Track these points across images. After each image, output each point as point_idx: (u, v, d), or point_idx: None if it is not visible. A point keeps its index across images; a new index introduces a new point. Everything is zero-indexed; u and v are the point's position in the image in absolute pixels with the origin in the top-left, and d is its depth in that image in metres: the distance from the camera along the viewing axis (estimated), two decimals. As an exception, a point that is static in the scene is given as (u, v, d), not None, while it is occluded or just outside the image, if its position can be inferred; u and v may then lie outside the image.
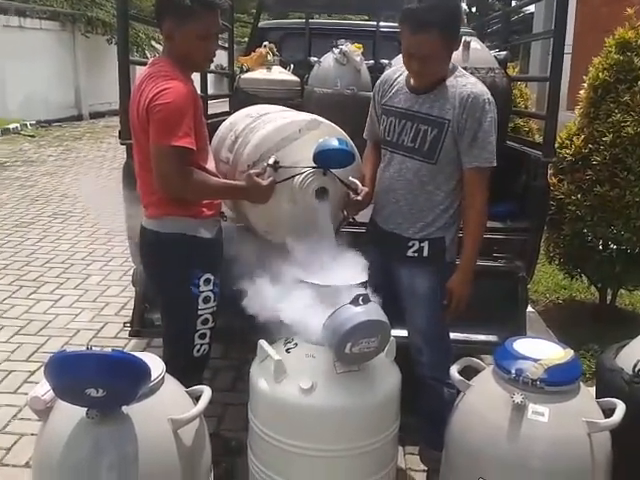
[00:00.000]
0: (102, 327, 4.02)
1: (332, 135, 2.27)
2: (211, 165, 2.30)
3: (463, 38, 3.08)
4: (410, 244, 2.31)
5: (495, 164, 2.21)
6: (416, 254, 2.31)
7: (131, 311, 3.02)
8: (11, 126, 12.78)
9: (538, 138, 4.80)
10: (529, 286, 3.33)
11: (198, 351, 2.35)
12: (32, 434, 2.77)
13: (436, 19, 2.07)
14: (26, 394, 2.88)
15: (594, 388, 2.37)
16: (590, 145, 3.66)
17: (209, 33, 2.19)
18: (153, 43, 15.57)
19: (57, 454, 1.72)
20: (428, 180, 2.26)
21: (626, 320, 4.20)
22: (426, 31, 2.07)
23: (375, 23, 5.08)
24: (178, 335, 2.36)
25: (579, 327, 4.06)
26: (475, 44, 3.23)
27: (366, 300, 1.94)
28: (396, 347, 2.14)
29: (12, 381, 3.32)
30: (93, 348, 1.76)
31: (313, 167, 2.22)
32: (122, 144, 2.81)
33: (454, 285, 2.29)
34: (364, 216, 2.49)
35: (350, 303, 1.92)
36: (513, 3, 4.72)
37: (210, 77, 5.11)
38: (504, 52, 3.64)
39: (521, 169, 3.17)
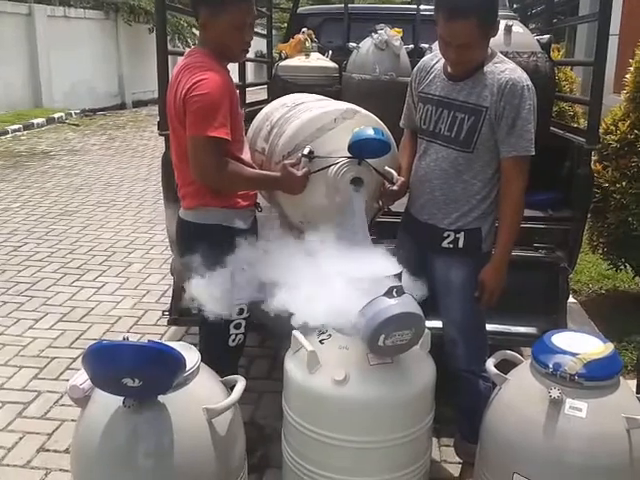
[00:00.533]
0: (143, 314, 4.09)
1: (368, 124, 2.24)
2: (247, 156, 2.31)
3: (505, 22, 3.02)
4: (445, 235, 2.27)
5: (534, 153, 2.15)
6: (451, 245, 2.27)
7: (170, 299, 3.07)
8: (56, 115, 13.07)
9: (583, 122, 4.68)
10: (571, 276, 3.27)
11: (233, 341, 2.37)
12: (73, 420, 2.84)
13: (473, 6, 2.02)
14: (68, 381, 2.96)
15: (635, 381, 2.32)
16: (636, 131, 3.56)
17: (244, 23, 2.18)
18: (195, 31, 15.67)
19: (95, 442, 1.75)
20: (464, 169, 2.22)
21: (671, 311, 4.09)
22: (463, 18, 2.02)
23: (415, 7, 5.01)
24: (213, 325, 2.38)
25: (622, 318, 3.96)
26: (517, 27, 3.15)
27: (400, 292, 1.92)
28: (431, 339, 2.12)
29: (55, 367, 3.41)
30: (129, 338, 1.79)
31: (348, 157, 2.20)
32: (161, 134, 2.84)
33: (486, 276, 2.25)
34: (400, 205, 2.46)
35: (384, 295, 1.90)
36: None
37: (250, 64, 5.12)
38: (547, 35, 3.54)
39: (564, 156, 3.09)
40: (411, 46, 4.28)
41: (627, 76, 3.72)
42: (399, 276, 2.02)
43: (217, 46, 2.19)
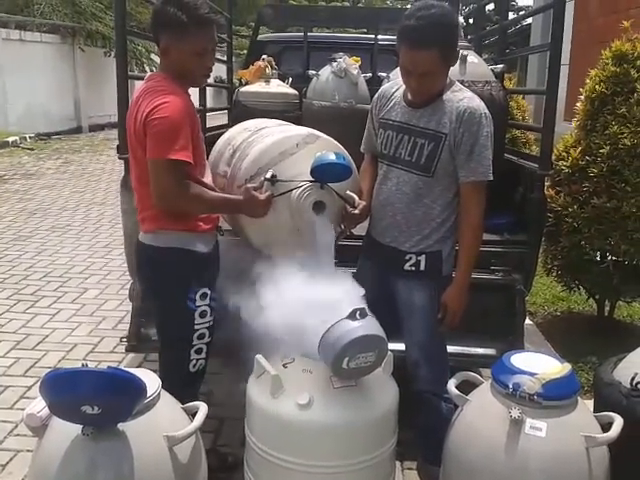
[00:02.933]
0: (99, 341, 4.00)
1: (329, 149, 2.27)
2: (208, 179, 2.31)
3: (460, 52, 3.10)
4: (407, 257, 2.31)
5: (491, 178, 2.22)
6: (413, 268, 2.31)
7: (128, 326, 3.01)
8: (10, 139, 12.80)
9: (535, 149, 4.82)
10: (527, 298, 3.33)
11: (194, 366, 2.34)
12: (28, 450, 2.75)
13: (435, 37, 2.07)
14: (23, 409, 2.85)
15: (592, 401, 2.37)
16: (587, 157, 3.66)
17: (205, 49, 2.19)
18: (153, 56, 15.64)
19: (53, 471, 1.71)
20: (425, 193, 2.26)
21: (624, 332, 4.20)
22: (425, 49, 2.08)
23: (373, 36, 5.12)
24: (174, 350, 2.35)
25: (577, 339, 4.04)
26: (472, 57, 3.25)
27: (363, 314, 1.93)
28: (393, 361, 2.14)
29: (9, 396, 3.30)
30: (88, 365, 1.76)
31: (310, 181, 2.22)
32: (120, 158, 2.82)
33: (448, 299, 2.29)
34: (361, 229, 2.49)
35: (347, 317, 1.91)
36: (510, 16, 4.74)
37: (209, 90, 5.14)
38: (501, 65, 3.65)
39: (518, 182, 3.17)
40: (369, 74, 4.36)
41: (578, 104, 3.85)
42: (362, 298, 2.03)
43: (178, 71, 2.19)
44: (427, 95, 2.22)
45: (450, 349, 2.51)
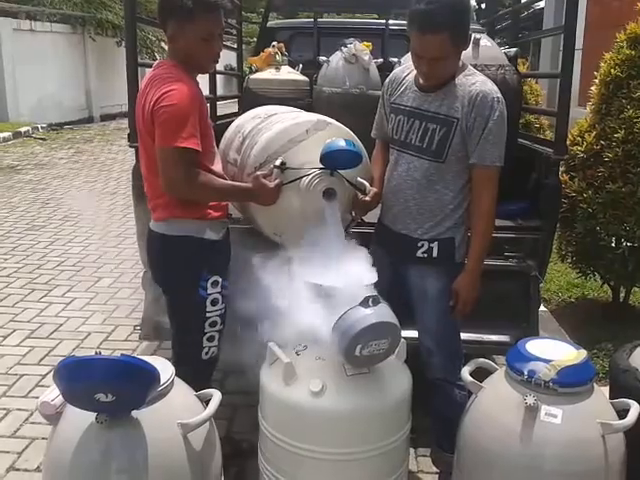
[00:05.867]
0: (113, 330, 4.02)
1: (339, 136, 2.25)
2: (218, 167, 2.30)
3: (472, 35, 3.06)
4: (419, 245, 2.29)
5: (502, 164, 2.19)
6: (425, 255, 2.29)
7: (141, 314, 3.02)
8: (22, 129, 12.86)
9: (549, 134, 4.77)
10: (541, 285, 3.30)
11: (207, 354, 2.35)
12: (43, 438, 2.77)
13: (446, 20, 2.04)
14: (37, 398, 2.89)
15: (607, 388, 2.35)
16: (602, 141, 3.62)
17: (212, 34, 2.18)
18: (163, 45, 15.60)
19: (67, 459, 1.72)
20: (436, 179, 2.24)
21: (639, 318, 4.16)
22: (436, 33, 2.05)
23: (384, 21, 5.07)
24: (186, 338, 2.35)
25: (592, 326, 4.01)
26: (485, 41, 3.20)
27: (376, 301, 1.92)
28: (407, 349, 2.13)
29: (23, 385, 3.33)
30: (102, 353, 1.76)
31: (320, 168, 2.20)
32: (131, 147, 2.81)
33: (460, 286, 2.27)
34: (373, 216, 2.47)
35: (360, 305, 1.90)
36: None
37: (219, 77, 5.12)
38: (514, 49, 3.60)
39: (533, 167, 3.14)
40: (380, 60, 4.32)
41: (592, 88, 3.80)
42: (374, 285, 2.02)
43: (186, 58, 2.18)
44: (438, 79, 2.19)
45: (464, 336, 2.50)
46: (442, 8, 2.04)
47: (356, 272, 2.05)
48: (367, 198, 2.28)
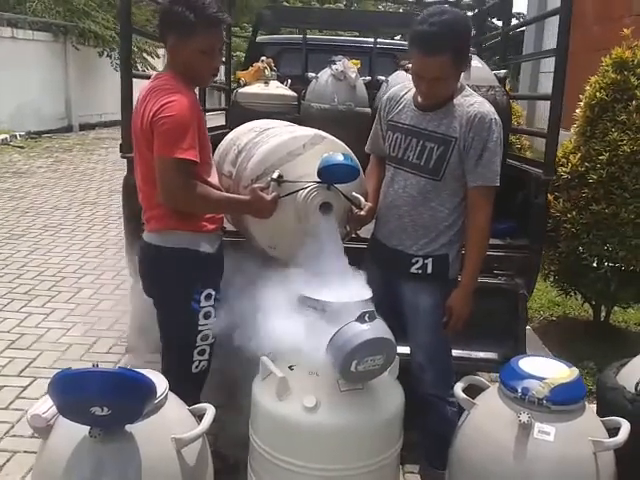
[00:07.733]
0: (94, 342, 3.95)
1: (335, 150, 2.27)
2: (214, 179, 2.29)
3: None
4: (414, 261, 2.30)
5: (499, 183, 2.22)
6: (420, 271, 2.30)
7: (124, 326, 2.98)
8: (0, 137, 12.69)
9: (529, 154, 4.84)
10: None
11: (197, 367, 2.33)
12: (25, 452, 2.74)
13: (448, 43, 2.07)
14: (18, 410, 2.82)
15: (594, 406, 2.37)
16: (586, 163, 3.68)
17: (213, 48, 2.18)
18: (145, 56, 15.56)
19: (58, 473, 1.69)
20: (432, 197, 2.26)
21: (620, 337, 4.22)
22: (437, 54, 2.07)
23: (372, 40, 5.12)
24: (177, 351, 2.33)
25: (574, 344, 4.05)
26: (476, 62, 3.24)
27: (372, 317, 1.92)
28: (399, 365, 2.13)
29: (4, 397, 3.24)
30: (99, 365, 1.73)
31: (317, 182, 2.21)
32: (123, 157, 2.79)
33: (454, 302, 2.28)
34: (366, 231, 2.48)
35: (356, 320, 1.90)
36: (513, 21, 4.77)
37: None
38: (504, 70, 3.66)
39: (521, 187, 3.18)
40: (368, 78, 4.35)
41: (577, 111, 3.87)
42: (370, 301, 2.03)
43: (185, 70, 2.18)
44: (437, 99, 2.22)
45: (452, 352, 2.51)
46: (444, 30, 2.06)
47: (353, 287, 2.06)
48: (362, 213, 2.29)
